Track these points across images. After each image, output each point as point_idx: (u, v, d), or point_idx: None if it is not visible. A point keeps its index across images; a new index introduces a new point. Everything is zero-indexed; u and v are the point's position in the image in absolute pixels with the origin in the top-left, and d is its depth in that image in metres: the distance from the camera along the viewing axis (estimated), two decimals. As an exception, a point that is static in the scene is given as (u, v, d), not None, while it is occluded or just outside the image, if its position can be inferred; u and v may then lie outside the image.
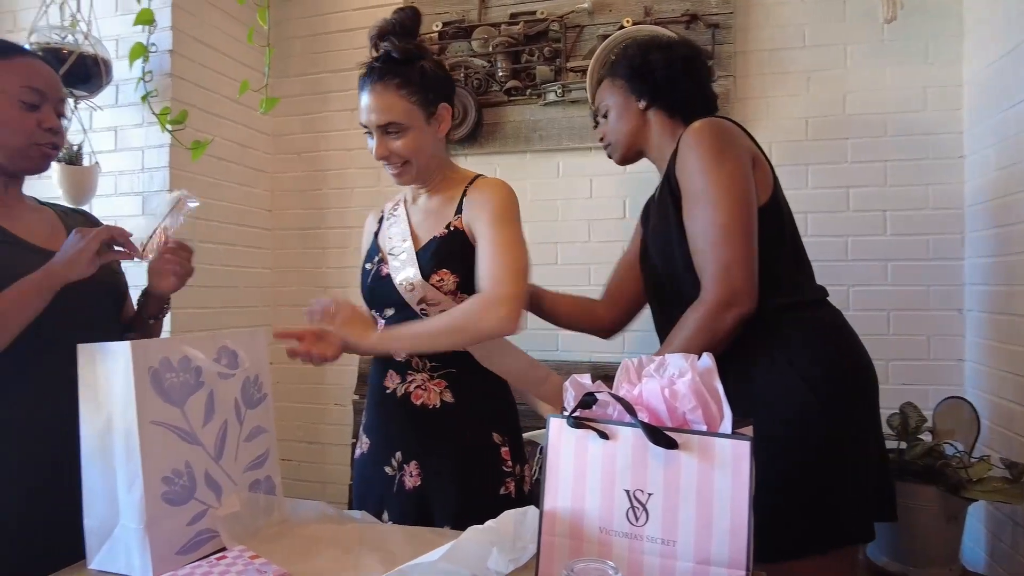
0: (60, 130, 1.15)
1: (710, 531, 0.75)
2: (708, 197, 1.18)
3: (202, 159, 2.10)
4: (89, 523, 0.95)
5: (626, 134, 1.40)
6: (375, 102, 1.21)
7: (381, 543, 1.01)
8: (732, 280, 1.15)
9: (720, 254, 1.16)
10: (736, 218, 1.16)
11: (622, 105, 1.39)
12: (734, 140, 1.23)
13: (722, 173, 1.18)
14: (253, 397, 1.10)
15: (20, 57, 1.11)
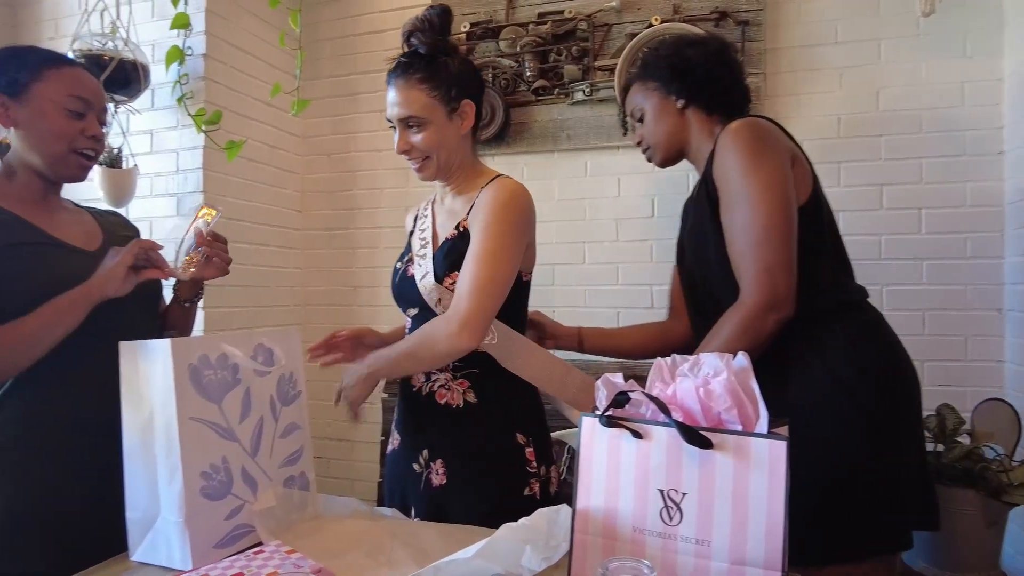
0: (102, 138, 1.18)
1: (745, 531, 0.74)
2: (747, 198, 1.16)
3: (234, 161, 2.14)
4: (131, 515, 0.97)
5: (666, 135, 1.37)
6: (397, 96, 1.23)
7: (414, 539, 1.02)
8: (774, 283, 1.12)
9: (761, 256, 1.13)
10: (777, 220, 1.14)
11: (658, 106, 1.36)
12: (773, 140, 1.20)
13: (761, 174, 1.15)
14: (288, 394, 1.12)
15: (68, 67, 1.14)
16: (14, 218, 1.11)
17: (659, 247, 2.17)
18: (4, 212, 1.11)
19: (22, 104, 1.10)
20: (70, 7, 2.21)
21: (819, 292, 1.19)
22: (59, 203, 1.22)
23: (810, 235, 1.19)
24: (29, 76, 1.10)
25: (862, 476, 1.13)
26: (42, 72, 1.11)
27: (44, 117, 1.10)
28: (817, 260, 1.20)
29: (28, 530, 1.05)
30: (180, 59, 1.95)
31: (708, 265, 1.26)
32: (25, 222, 1.12)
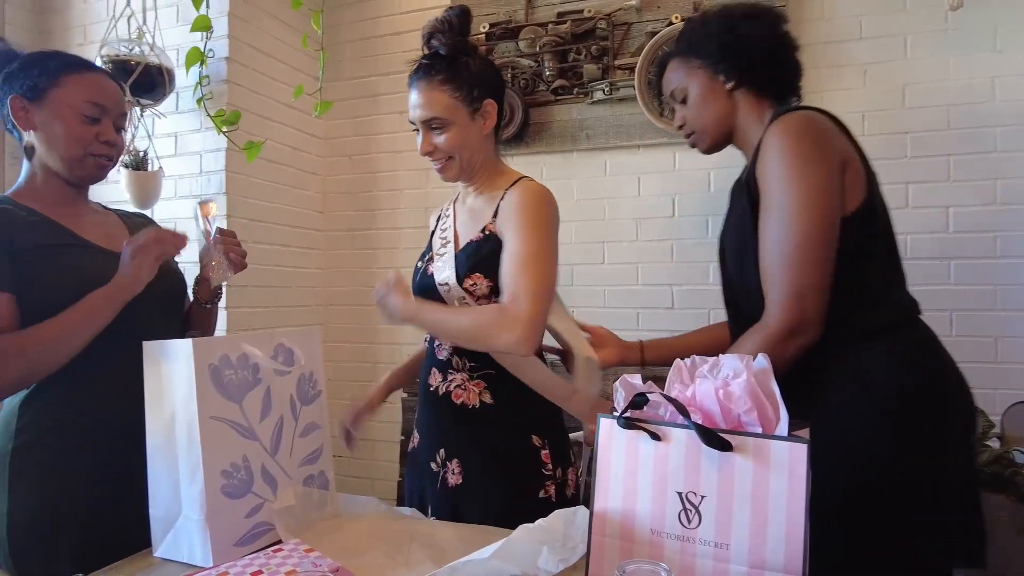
0: (117, 143, 1.20)
1: (765, 535, 0.73)
2: (786, 211, 1.07)
3: (256, 162, 2.17)
4: (154, 513, 0.99)
5: (714, 120, 1.25)
6: (420, 98, 1.23)
7: (432, 539, 1.02)
8: (802, 307, 1.04)
9: (792, 277, 1.05)
10: (813, 239, 1.05)
11: (706, 87, 1.23)
12: (825, 143, 1.09)
13: (803, 185, 1.06)
14: (308, 394, 1.13)
15: (88, 72, 1.17)
16: (44, 220, 1.14)
17: (679, 247, 2.15)
18: (35, 214, 1.13)
19: (41, 108, 1.13)
20: (98, 14, 2.26)
21: (861, 308, 1.10)
22: (86, 205, 1.24)
23: (861, 245, 1.10)
24: (49, 81, 1.13)
25: (900, 512, 1.04)
26: (61, 78, 1.13)
27: (60, 121, 1.13)
28: (866, 272, 1.11)
29: (55, 527, 1.07)
30: (201, 61, 1.97)
31: (746, 271, 1.17)
32: (55, 223, 1.14)
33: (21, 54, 1.18)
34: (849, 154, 1.12)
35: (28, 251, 1.08)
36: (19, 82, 1.14)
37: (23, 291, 1.07)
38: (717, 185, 2.11)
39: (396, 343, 2.50)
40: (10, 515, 1.08)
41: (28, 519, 1.07)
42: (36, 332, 1.03)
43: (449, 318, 1.20)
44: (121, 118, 1.21)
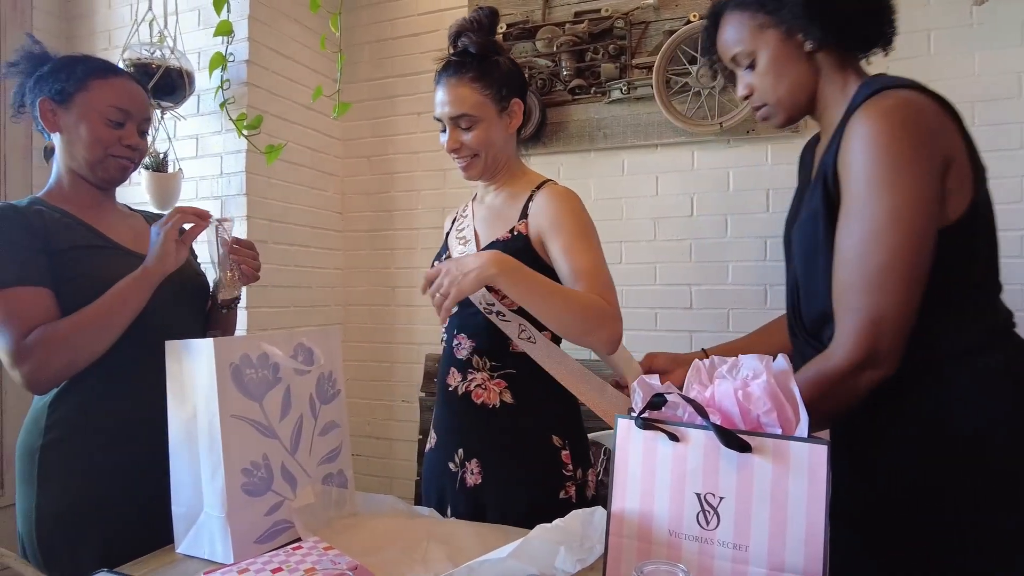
0: (139, 147, 1.23)
1: (784, 537, 0.72)
2: (872, 223, 0.90)
3: (276, 164, 2.19)
4: (177, 509, 1.00)
5: (789, 90, 1.05)
6: (449, 94, 1.23)
7: (450, 538, 1.02)
8: (879, 337, 0.90)
9: (870, 301, 0.90)
10: (902, 259, 0.89)
11: (779, 49, 1.03)
12: (927, 141, 0.91)
13: (897, 193, 0.89)
14: (327, 393, 1.14)
15: (115, 77, 1.19)
16: (76, 221, 1.16)
17: (698, 247, 2.13)
18: (67, 215, 1.16)
19: (67, 111, 1.16)
20: (121, 19, 2.29)
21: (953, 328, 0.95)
22: (113, 207, 1.27)
23: (961, 256, 0.94)
24: (76, 85, 1.16)
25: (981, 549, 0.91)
26: (88, 82, 1.16)
27: (85, 124, 1.16)
28: (962, 286, 0.96)
29: (83, 522, 1.10)
30: (223, 65, 2.00)
31: (814, 275, 1.02)
32: (86, 225, 1.17)
33: (53, 57, 1.21)
34: (955, 150, 0.93)
35: (63, 252, 1.12)
36: (48, 85, 1.17)
37: (62, 289, 1.10)
38: (736, 184, 2.09)
39: (414, 343, 2.51)
40: (39, 510, 1.10)
41: (56, 514, 1.10)
42: (77, 319, 1.06)
43: (557, 288, 1.14)
44: (145, 123, 1.23)
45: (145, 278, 1.11)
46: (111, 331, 1.09)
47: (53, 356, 1.04)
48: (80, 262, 1.12)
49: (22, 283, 1.06)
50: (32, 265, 1.07)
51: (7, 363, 1.06)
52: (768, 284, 2.04)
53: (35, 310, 1.05)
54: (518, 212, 1.27)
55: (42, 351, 1.03)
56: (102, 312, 1.07)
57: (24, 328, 1.04)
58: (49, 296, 1.08)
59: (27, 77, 1.19)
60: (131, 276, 1.10)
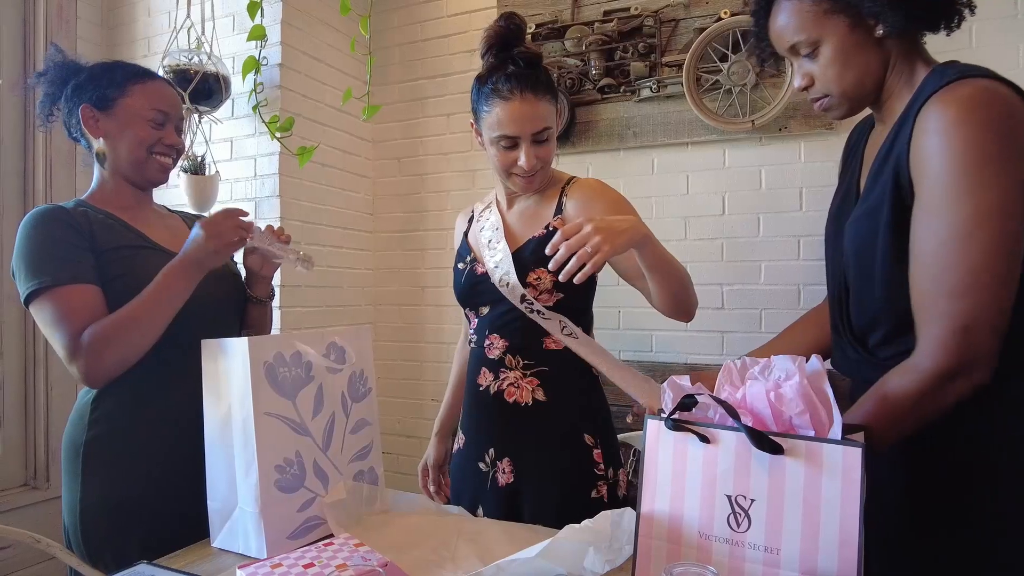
0: (178, 145, 1.27)
1: (817, 541, 0.71)
2: (960, 225, 0.83)
3: (308, 166, 2.22)
4: (212, 505, 1.03)
5: (856, 80, 0.97)
6: (531, 110, 1.19)
7: (479, 537, 1.03)
8: (970, 344, 0.83)
9: (960, 310, 0.83)
10: (995, 259, 0.83)
11: (847, 38, 0.95)
12: (1014, 131, 0.84)
13: (990, 193, 0.82)
14: (359, 391, 1.15)
15: (151, 81, 1.24)
16: (119, 222, 1.20)
17: (729, 246, 2.11)
18: (111, 216, 1.20)
19: (110, 116, 1.20)
20: (160, 26, 2.36)
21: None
22: (151, 208, 1.30)
23: None
24: (117, 92, 1.20)
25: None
26: (127, 87, 1.20)
27: (129, 127, 1.20)
28: None
29: (125, 516, 1.12)
30: (256, 69, 2.04)
31: (869, 276, 0.97)
32: (128, 226, 1.21)
33: (84, 65, 1.25)
34: None
35: (108, 251, 1.15)
36: (88, 93, 1.20)
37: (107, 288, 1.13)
38: (768, 182, 2.06)
39: (443, 342, 2.53)
40: (83, 503, 1.13)
41: (100, 508, 1.13)
42: (126, 314, 1.09)
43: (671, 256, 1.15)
44: (180, 122, 1.28)
45: (195, 269, 1.12)
46: (159, 322, 1.11)
47: (106, 351, 1.07)
48: (124, 261, 1.15)
49: (75, 281, 1.09)
50: (83, 264, 1.11)
51: (65, 359, 1.09)
52: (801, 284, 2.01)
53: (88, 308, 1.09)
54: (551, 210, 1.28)
55: (96, 347, 1.06)
56: (151, 304, 1.09)
57: (79, 325, 1.07)
58: (99, 294, 1.11)
59: (54, 86, 1.23)
60: (171, 271, 1.11)
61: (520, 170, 1.23)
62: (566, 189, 1.28)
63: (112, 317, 1.08)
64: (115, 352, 1.08)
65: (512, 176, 1.25)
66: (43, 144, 2.22)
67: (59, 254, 1.10)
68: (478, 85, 1.24)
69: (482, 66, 1.25)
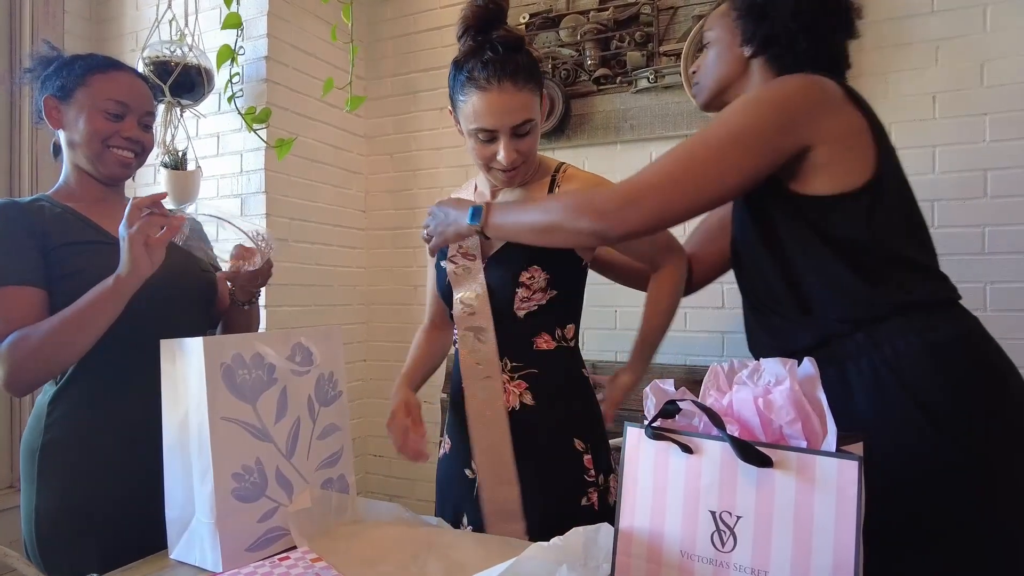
0: (141, 140, 1.20)
1: (809, 562, 0.64)
2: (699, 134, 1.00)
3: (297, 161, 2.17)
4: (170, 514, 0.97)
5: (718, 79, 1.16)
6: (510, 101, 1.09)
7: (451, 551, 0.97)
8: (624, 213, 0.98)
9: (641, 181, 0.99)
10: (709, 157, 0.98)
11: (727, 44, 1.15)
12: (791, 106, 0.99)
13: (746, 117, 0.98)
14: (327, 395, 1.09)
15: (114, 71, 1.18)
16: (78, 217, 1.15)
17: (730, 242, 2.03)
18: (69, 211, 1.15)
19: (69, 107, 1.15)
20: (148, 20, 2.30)
21: (888, 287, 0.98)
22: (120, 203, 1.25)
23: (879, 220, 1.00)
24: (76, 81, 1.15)
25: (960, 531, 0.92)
26: (87, 77, 1.15)
27: (84, 118, 1.14)
28: (886, 249, 1.00)
29: (81, 523, 1.08)
30: (232, 59, 1.98)
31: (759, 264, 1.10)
32: (87, 221, 1.15)
33: (60, 57, 1.20)
34: (836, 131, 1.00)
35: (57, 248, 1.10)
36: (52, 83, 1.17)
37: (55, 287, 1.08)
38: (771, 176, 1.98)
39: (437, 342, 2.47)
40: (38, 511, 1.09)
41: (54, 515, 1.08)
42: (48, 328, 1.03)
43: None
44: (147, 116, 1.21)
45: (117, 288, 1.02)
46: (82, 341, 1.04)
47: (25, 362, 1.01)
48: (77, 258, 1.10)
49: (10, 283, 1.04)
50: (25, 264, 1.06)
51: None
52: (805, 282, 1.93)
53: (21, 311, 1.03)
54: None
55: (15, 356, 1.01)
56: (73, 322, 1.02)
57: (7, 329, 1.02)
58: (38, 296, 1.06)
59: (38, 80, 1.20)
60: (104, 285, 1.03)
61: (499, 164, 1.14)
62: (557, 179, 1.21)
63: (38, 329, 1.02)
64: (32, 365, 1.02)
65: (492, 170, 1.18)
66: (29, 139, 2.18)
67: (2, 252, 1.05)
68: (454, 71, 1.15)
69: (459, 50, 1.16)
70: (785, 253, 1.05)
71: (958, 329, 0.99)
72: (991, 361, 0.98)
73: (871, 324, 0.98)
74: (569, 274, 1.21)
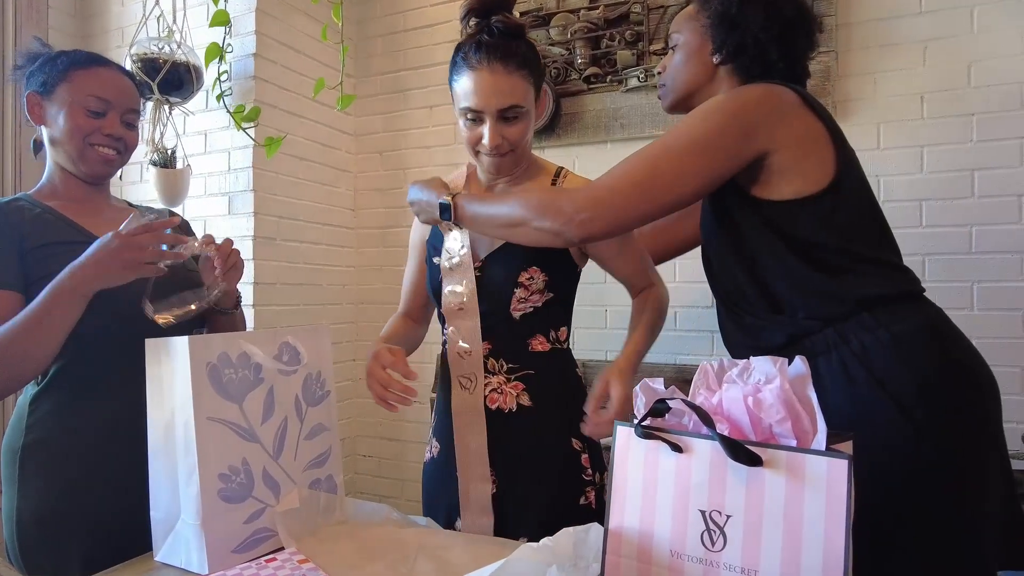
0: (125, 137, 1.17)
1: (799, 561, 0.64)
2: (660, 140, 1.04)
3: (286, 160, 2.15)
4: (155, 515, 0.96)
5: (685, 83, 1.19)
6: (497, 83, 1.08)
7: (440, 551, 0.96)
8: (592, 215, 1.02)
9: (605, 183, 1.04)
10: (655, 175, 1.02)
11: (694, 48, 1.17)
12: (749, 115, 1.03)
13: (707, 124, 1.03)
14: (315, 394, 1.08)
15: (96, 67, 1.15)
16: (59, 217, 1.13)
17: (720, 242, 2.03)
18: (50, 211, 1.13)
19: (51, 103, 1.13)
20: (134, 16, 2.28)
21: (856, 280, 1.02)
22: (106, 202, 1.23)
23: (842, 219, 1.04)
24: (58, 77, 1.13)
25: (927, 513, 0.95)
26: (69, 73, 1.13)
27: (65, 114, 1.12)
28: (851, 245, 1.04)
29: (63, 525, 1.06)
30: (220, 56, 1.96)
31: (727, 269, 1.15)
32: (68, 221, 1.13)
33: (47, 53, 1.18)
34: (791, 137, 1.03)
35: (34, 249, 1.08)
36: (35, 79, 1.15)
37: (32, 289, 1.06)
38: (760, 176, 1.99)
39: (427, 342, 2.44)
40: (20, 512, 1.07)
41: (35, 517, 1.06)
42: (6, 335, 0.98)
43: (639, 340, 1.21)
44: (130, 114, 1.18)
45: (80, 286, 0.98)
46: (41, 352, 0.99)
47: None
48: (56, 258, 1.07)
49: None
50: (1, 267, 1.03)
51: None
52: (795, 281, 1.94)
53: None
54: None
55: None
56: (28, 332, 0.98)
57: None
58: (14, 299, 1.03)
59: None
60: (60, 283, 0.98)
61: (484, 148, 1.14)
62: (558, 183, 1.21)
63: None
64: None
65: (479, 155, 1.17)
66: (12, 135, 2.15)
67: None
68: (454, 54, 1.15)
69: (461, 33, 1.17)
70: (752, 256, 1.08)
71: (922, 320, 1.02)
72: (955, 350, 1.02)
73: (839, 320, 1.01)
74: (565, 277, 1.21)
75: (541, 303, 1.17)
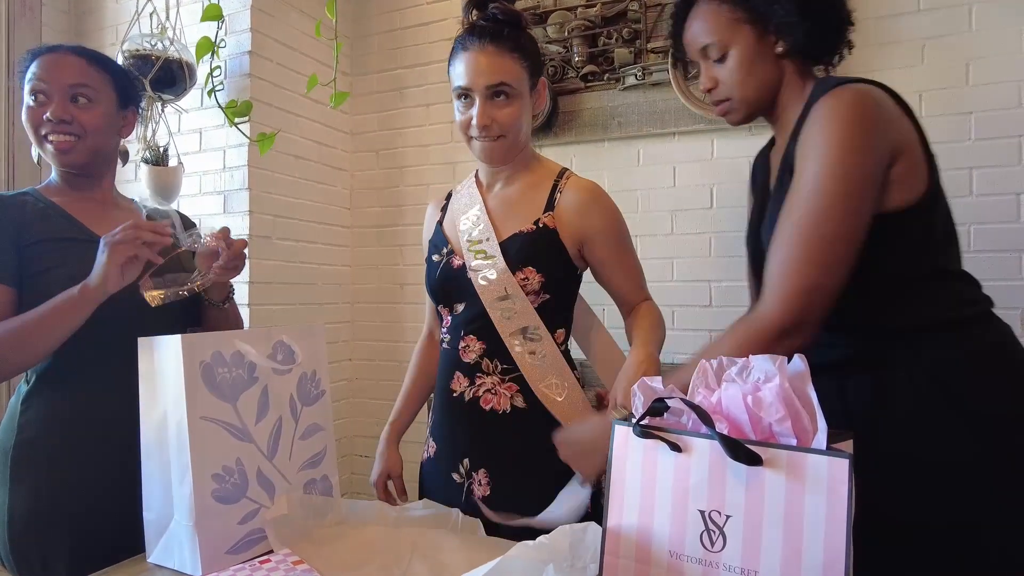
0: (75, 118, 1.11)
1: (799, 562, 0.63)
2: (813, 195, 0.92)
3: (281, 158, 2.14)
4: (148, 516, 0.95)
5: (757, 89, 1.06)
6: (487, 62, 1.10)
7: (435, 551, 0.95)
8: (807, 307, 0.91)
9: (804, 272, 0.91)
10: (839, 236, 0.91)
11: (752, 48, 1.04)
12: (880, 128, 0.94)
13: (842, 176, 0.91)
14: (310, 394, 1.07)
15: (44, 55, 1.13)
16: (59, 213, 1.12)
17: (718, 240, 2.03)
18: (53, 207, 1.13)
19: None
20: (128, 13, 2.25)
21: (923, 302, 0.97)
22: (106, 199, 1.22)
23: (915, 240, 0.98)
24: (24, 74, 1.12)
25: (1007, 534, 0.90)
26: (29, 66, 1.12)
27: (22, 107, 1.12)
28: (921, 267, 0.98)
29: (55, 525, 1.05)
30: (212, 51, 1.94)
31: None
32: (69, 217, 1.13)
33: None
34: (905, 142, 0.96)
35: (37, 244, 1.07)
36: (20, 80, 1.14)
37: (27, 284, 1.05)
38: (758, 174, 1.98)
39: (424, 341, 2.45)
40: (10, 511, 1.06)
41: (26, 517, 1.05)
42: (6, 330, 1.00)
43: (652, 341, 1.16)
44: (77, 87, 1.11)
45: (83, 297, 0.99)
46: (41, 347, 1.00)
47: None
48: (53, 254, 1.07)
49: None
50: None
51: None
52: (792, 280, 1.93)
53: None
54: (542, 203, 1.18)
55: None
56: (33, 327, 0.99)
57: None
58: (7, 293, 1.03)
59: None
60: (70, 293, 1.00)
61: (474, 131, 1.14)
62: (560, 184, 1.20)
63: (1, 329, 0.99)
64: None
65: (471, 140, 1.18)
66: (5, 133, 2.13)
67: None
68: (453, 44, 1.17)
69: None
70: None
71: (995, 338, 0.99)
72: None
73: (913, 334, 0.96)
74: (563, 279, 1.20)
75: (538, 304, 1.16)
